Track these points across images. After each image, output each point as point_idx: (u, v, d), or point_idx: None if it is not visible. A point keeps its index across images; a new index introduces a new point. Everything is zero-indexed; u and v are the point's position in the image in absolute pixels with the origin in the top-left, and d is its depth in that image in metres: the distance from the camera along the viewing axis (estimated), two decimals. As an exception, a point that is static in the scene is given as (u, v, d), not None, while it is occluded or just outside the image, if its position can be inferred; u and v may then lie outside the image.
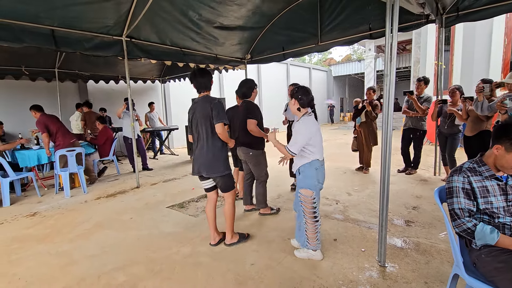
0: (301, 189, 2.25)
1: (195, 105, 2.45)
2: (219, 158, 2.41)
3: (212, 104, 2.33)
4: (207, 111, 2.34)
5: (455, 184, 1.53)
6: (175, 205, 3.78)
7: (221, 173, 2.42)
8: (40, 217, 3.57)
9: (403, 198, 3.67)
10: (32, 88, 6.84)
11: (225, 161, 2.44)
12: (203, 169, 2.42)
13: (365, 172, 5.07)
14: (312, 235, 2.28)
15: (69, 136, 4.62)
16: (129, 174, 5.88)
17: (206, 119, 2.35)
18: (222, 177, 2.44)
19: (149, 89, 9.38)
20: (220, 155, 2.42)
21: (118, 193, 4.49)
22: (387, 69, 2.00)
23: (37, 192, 4.51)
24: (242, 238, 2.67)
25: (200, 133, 2.41)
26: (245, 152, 3.16)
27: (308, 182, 2.21)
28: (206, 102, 2.37)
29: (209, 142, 2.39)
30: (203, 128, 2.38)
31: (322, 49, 4.97)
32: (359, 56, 30.60)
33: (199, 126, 2.40)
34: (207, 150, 2.40)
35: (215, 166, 2.40)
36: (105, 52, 4.16)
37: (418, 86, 4.65)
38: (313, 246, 2.30)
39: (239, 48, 5.75)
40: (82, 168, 4.63)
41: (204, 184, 2.57)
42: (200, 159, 2.43)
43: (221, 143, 2.43)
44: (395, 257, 2.29)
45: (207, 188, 2.58)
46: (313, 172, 2.20)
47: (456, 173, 1.55)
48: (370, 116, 4.86)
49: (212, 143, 2.39)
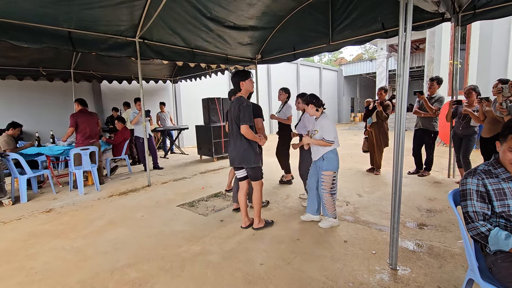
0: (325, 171, 2.85)
1: (231, 105, 2.83)
2: (249, 153, 2.75)
3: (240, 106, 2.65)
4: (237, 112, 2.67)
5: (469, 187, 1.49)
6: (185, 204, 3.83)
7: (251, 165, 2.77)
8: (55, 213, 3.68)
9: (416, 201, 3.60)
10: (49, 88, 7.06)
11: (254, 155, 2.78)
12: (236, 161, 2.81)
13: (376, 173, 5.00)
14: (331, 206, 2.91)
15: (91, 138, 4.78)
16: (140, 172, 5.98)
17: (237, 119, 2.70)
18: (252, 169, 2.80)
19: (160, 89, 9.53)
20: (249, 150, 2.75)
21: (129, 191, 4.58)
22: (400, 69, 1.97)
23: (52, 189, 4.65)
24: (268, 224, 2.98)
25: (234, 130, 2.78)
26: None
27: (332, 165, 2.84)
28: (237, 104, 2.68)
29: (240, 138, 2.74)
30: (235, 126, 2.75)
31: (333, 48, 4.93)
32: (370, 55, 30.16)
33: (233, 124, 2.77)
34: (239, 145, 2.76)
35: (246, 159, 2.76)
36: (119, 53, 4.26)
37: (431, 86, 4.55)
38: (332, 214, 2.92)
39: (249, 48, 5.76)
40: (96, 167, 4.74)
41: (238, 173, 2.93)
42: (233, 152, 2.81)
43: (249, 140, 2.74)
44: (407, 260, 2.25)
45: (240, 178, 2.93)
46: (336, 156, 2.87)
47: (470, 175, 1.52)
48: (381, 117, 4.79)
49: (242, 140, 2.74)
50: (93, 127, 4.82)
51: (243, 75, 2.77)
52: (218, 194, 4.21)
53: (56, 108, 7.17)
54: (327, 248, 2.49)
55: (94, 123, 4.85)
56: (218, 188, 4.42)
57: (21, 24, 3.33)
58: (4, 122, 5.53)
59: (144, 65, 6.98)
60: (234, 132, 2.79)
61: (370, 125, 5.01)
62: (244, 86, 2.77)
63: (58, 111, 4.89)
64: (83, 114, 4.72)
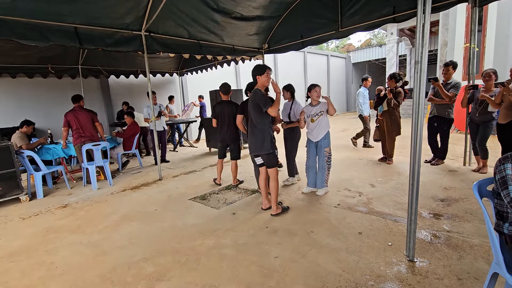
0: (327, 148, 3.56)
1: (250, 97, 3.12)
2: (264, 139, 2.98)
3: (256, 97, 2.92)
4: (255, 103, 2.93)
5: (508, 172, 1.39)
6: (197, 197, 3.85)
7: (267, 151, 2.99)
8: (71, 208, 3.76)
9: (431, 190, 3.52)
10: (58, 85, 7.13)
11: (269, 142, 2.99)
12: (253, 148, 3.07)
13: (389, 162, 4.91)
14: (327, 177, 3.63)
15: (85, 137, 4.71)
16: (150, 166, 6.05)
17: (254, 109, 2.97)
18: (267, 155, 3.03)
19: (167, 82, 9.52)
20: (264, 136, 2.98)
21: (142, 185, 4.64)
22: (418, 55, 1.88)
23: (66, 184, 4.75)
24: (285, 210, 3.14)
25: (252, 120, 3.04)
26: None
27: (329, 141, 3.59)
28: (253, 96, 2.97)
29: (256, 127, 2.99)
30: (253, 116, 3.01)
31: (343, 35, 4.77)
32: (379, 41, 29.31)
33: (250, 114, 3.06)
34: (255, 134, 3.01)
35: (261, 146, 2.99)
36: (125, 47, 4.23)
37: (446, 72, 4.37)
38: (327, 183, 3.63)
39: (256, 38, 5.65)
40: (108, 162, 4.80)
41: (257, 160, 3.21)
42: (251, 140, 3.09)
43: (266, 127, 2.98)
44: (424, 252, 2.21)
45: (259, 164, 3.20)
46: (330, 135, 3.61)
47: (508, 160, 1.42)
48: (392, 105, 4.67)
49: (257, 128, 2.99)
50: (86, 125, 4.72)
51: (259, 69, 2.98)
52: (230, 186, 4.22)
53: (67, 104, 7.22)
54: (342, 240, 2.46)
55: (88, 121, 4.75)
56: (229, 180, 4.43)
57: (27, 22, 3.31)
58: (16, 120, 5.62)
59: (150, 58, 6.94)
60: (251, 123, 3.07)
61: (381, 114, 4.90)
62: (260, 80, 2.98)
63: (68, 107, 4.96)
64: (75, 112, 4.65)
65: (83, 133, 4.72)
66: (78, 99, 4.79)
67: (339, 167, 4.85)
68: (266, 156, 3.05)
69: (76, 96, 4.81)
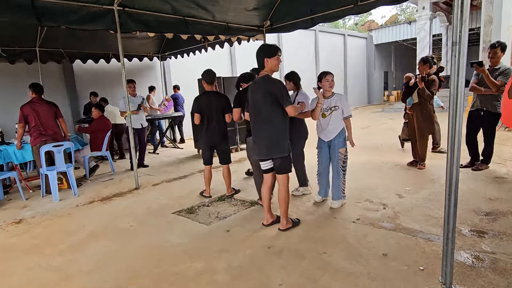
0: (342, 149, 3.50)
1: (254, 84, 3.02)
2: (282, 139, 2.94)
3: (273, 86, 2.84)
4: (268, 92, 2.85)
5: None
6: (182, 211, 3.86)
7: (283, 153, 2.95)
8: (26, 224, 3.75)
9: (473, 202, 3.53)
10: (11, 72, 7.13)
11: (287, 142, 2.99)
12: (264, 150, 2.99)
13: (420, 167, 4.93)
14: (344, 186, 3.58)
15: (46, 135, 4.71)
16: (125, 172, 6.05)
17: (267, 100, 2.86)
18: (282, 158, 2.97)
19: (146, 68, 9.54)
20: (282, 135, 2.95)
21: (114, 196, 4.64)
22: (456, 34, 1.87)
23: (21, 195, 4.74)
24: (295, 224, 3.17)
25: (262, 115, 2.93)
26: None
27: (344, 141, 3.55)
28: (267, 83, 2.88)
29: (269, 124, 2.91)
30: (263, 110, 2.90)
31: (362, 10, 4.78)
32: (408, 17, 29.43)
33: (259, 108, 2.93)
34: (270, 132, 2.93)
35: (278, 147, 2.94)
36: (94, 25, 4.24)
37: (493, 55, 4.37)
38: (344, 193, 3.59)
39: (256, 14, 5.66)
40: (72, 167, 4.80)
41: (263, 165, 3.11)
42: (261, 141, 2.99)
43: (283, 123, 2.93)
44: (464, 278, 2.21)
45: (265, 170, 3.13)
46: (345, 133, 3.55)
47: None
48: (424, 95, 4.68)
49: (272, 125, 2.91)
50: (48, 121, 4.72)
51: (269, 50, 2.91)
52: (223, 197, 4.23)
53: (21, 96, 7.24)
54: (362, 263, 2.47)
55: (50, 116, 4.75)
56: (221, 190, 4.43)
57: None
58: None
59: (125, 39, 6.93)
60: (261, 118, 2.95)
61: (410, 107, 4.93)
62: (269, 64, 2.90)
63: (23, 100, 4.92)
64: (33, 105, 4.65)
65: (44, 131, 4.71)
66: (39, 88, 4.77)
67: (359, 173, 4.87)
68: (279, 160, 2.98)
69: (35, 85, 4.80)
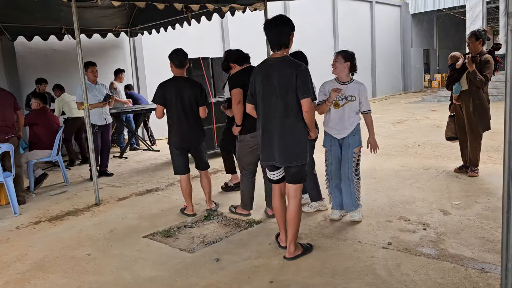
0: (356, 148, 3.67)
1: (267, 67, 2.99)
2: (302, 140, 3.01)
3: (297, 71, 2.81)
4: (289, 79, 2.83)
5: None
6: (157, 234, 3.88)
7: (303, 159, 3.02)
8: (-49, 253, 3.77)
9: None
10: None
11: (307, 146, 3.08)
12: (280, 156, 2.98)
13: (472, 174, 4.97)
14: (359, 192, 3.76)
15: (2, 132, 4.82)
16: (83, 183, 6.10)
17: (286, 90, 2.86)
18: (300, 166, 3.03)
19: (111, 47, 9.59)
20: (302, 137, 3.01)
21: (67, 215, 4.66)
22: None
23: None
24: (307, 251, 3.21)
25: (276, 108, 2.93)
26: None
27: (360, 139, 3.71)
28: (288, 67, 2.86)
29: (290, 120, 2.93)
30: (281, 100, 2.90)
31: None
32: (457, -23, 29.37)
33: (274, 98, 2.92)
34: (288, 131, 2.95)
35: (297, 151, 2.99)
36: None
37: None
38: (360, 201, 3.78)
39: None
40: (11, 176, 4.82)
41: (275, 174, 3.19)
42: (280, 141, 2.97)
43: (303, 122, 2.96)
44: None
45: (276, 179, 3.21)
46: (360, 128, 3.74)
47: None
48: (475, 81, 4.70)
49: (298, 122, 2.95)
50: (5, 113, 4.83)
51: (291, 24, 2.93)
52: (210, 216, 4.25)
53: None
54: (394, 302, 2.49)
55: (6, 107, 4.86)
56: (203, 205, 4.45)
57: None
58: None
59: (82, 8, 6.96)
60: (280, 113, 2.93)
61: (458, 96, 4.95)
62: (293, 40, 2.96)
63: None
64: None
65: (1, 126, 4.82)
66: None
67: (391, 183, 4.91)
68: (298, 168, 3.04)
69: None
